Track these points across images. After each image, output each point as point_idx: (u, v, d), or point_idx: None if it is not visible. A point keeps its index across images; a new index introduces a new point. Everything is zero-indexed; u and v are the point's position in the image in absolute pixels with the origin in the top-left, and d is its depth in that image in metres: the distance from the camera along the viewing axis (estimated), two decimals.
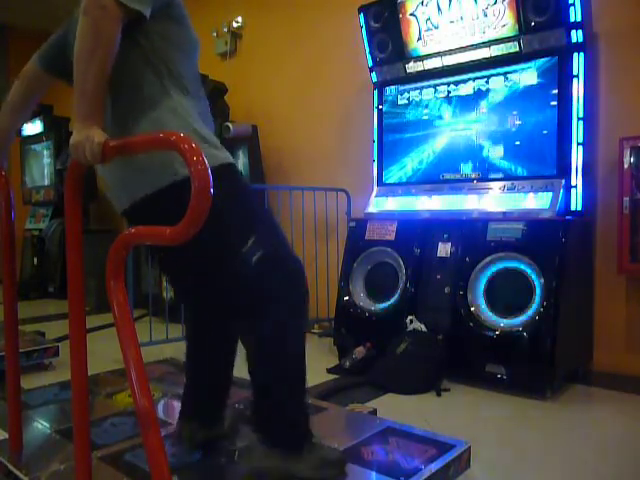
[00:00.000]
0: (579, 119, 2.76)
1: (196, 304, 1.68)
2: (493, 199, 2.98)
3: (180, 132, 1.27)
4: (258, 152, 4.43)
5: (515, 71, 2.97)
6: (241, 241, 1.39)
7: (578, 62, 2.77)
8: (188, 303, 1.77)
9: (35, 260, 6.18)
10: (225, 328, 1.62)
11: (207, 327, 1.65)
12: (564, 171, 2.79)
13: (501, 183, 2.99)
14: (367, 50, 3.48)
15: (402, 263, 3.06)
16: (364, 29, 3.45)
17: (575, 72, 2.76)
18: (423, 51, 3.28)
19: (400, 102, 3.46)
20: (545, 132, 2.86)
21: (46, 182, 6.39)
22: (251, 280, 1.39)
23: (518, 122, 2.97)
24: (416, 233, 3.10)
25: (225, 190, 1.33)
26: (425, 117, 3.35)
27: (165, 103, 1.39)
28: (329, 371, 2.99)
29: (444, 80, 3.25)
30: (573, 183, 2.78)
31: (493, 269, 2.75)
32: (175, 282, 1.73)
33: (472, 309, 2.74)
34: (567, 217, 2.74)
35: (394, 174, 3.49)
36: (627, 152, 2.71)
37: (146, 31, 1.37)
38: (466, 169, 3.17)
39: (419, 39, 3.26)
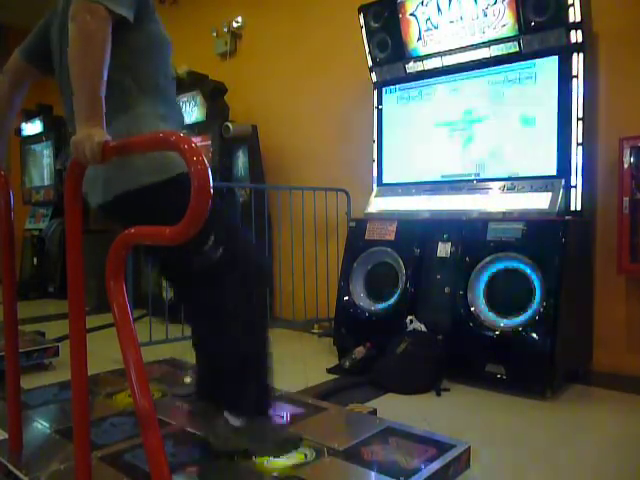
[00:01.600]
0: (579, 119, 2.76)
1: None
2: (493, 199, 2.98)
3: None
4: (258, 152, 4.44)
5: (515, 71, 2.98)
6: (202, 241, 1.47)
7: (578, 62, 2.77)
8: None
9: (35, 260, 6.18)
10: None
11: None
12: (564, 171, 2.79)
13: (501, 183, 2.99)
14: (367, 50, 3.48)
15: (402, 263, 3.06)
16: (364, 29, 3.45)
17: (575, 72, 2.76)
18: (423, 51, 3.28)
19: (400, 102, 3.46)
20: (545, 132, 2.86)
21: (46, 182, 6.39)
22: (213, 273, 1.51)
23: (518, 122, 2.97)
24: (416, 233, 3.10)
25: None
26: (425, 117, 3.35)
27: (136, 108, 1.45)
28: (329, 371, 2.99)
29: (444, 80, 3.25)
30: (573, 183, 2.78)
31: (493, 269, 2.75)
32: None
33: (472, 309, 2.74)
34: (567, 217, 2.74)
35: (394, 174, 3.49)
36: (627, 152, 2.71)
37: (123, 36, 1.41)
38: (466, 169, 3.17)
39: (419, 39, 3.26)
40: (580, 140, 2.77)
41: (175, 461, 1.54)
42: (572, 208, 2.78)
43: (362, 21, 3.45)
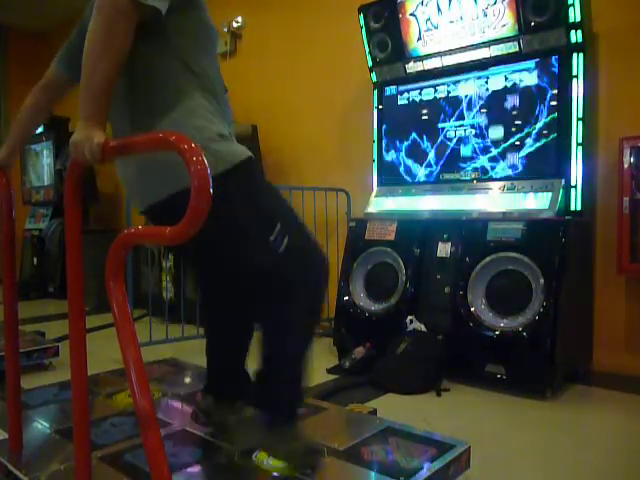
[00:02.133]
0: (579, 119, 2.76)
1: (216, 292, 1.74)
2: (493, 199, 2.98)
3: (199, 132, 1.34)
4: (258, 152, 4.43)
5: (515, 71, 2.98)
6: (265, 234, 1.40)
7: (578, 62, 2.77)
8: (209, 291, 1.80)
9: (35, 260, 6.18)
10: (243, 315, 1.71)
11: (225, 315, 1.73)
12: (564, 171, 2.79)
13: (501, 183, 3.00)
14: (367, 50, 3.48)
15: (402, 263, 3.06)
16: (364, 29, 3.45)
17: (575, 72, 2.77)
18: (423, 51, 3.28)
19: (400, 102, 3.46)
20: (545, 132, 2.86)
21: (46, 182, 6.39)
22: (274, 271, 1.41)
23: (518, 122, 2.97)
24: (416, 233, 3.10)
25: (244, 186, 1.40)
26: (425, 117, 3.35)
27: (185, 103, 1.37)
28: (329, 371, 2.98)
29: (444, 80, 3.25)
30: (573, 183, 2.78)
31: (493, 269, 2.75)
32: (199, 272, 1.79)
33: (472, 309, 2.74)
34: (567, 217, 2.74)
35: (394, 174, 3.49)
36: (627, 152, 2.71)
37: (165, 27, 1.35)
38: (466, 169, 3.17)
39: (419, 39, 3.26)
40: (580, 140, 2.77)
41: (175, 461, 1.54)
42: (572, 208, 2.78)
43: (362, 21, 3.45)
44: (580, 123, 2.77)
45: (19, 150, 1.72)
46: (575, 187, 2.78)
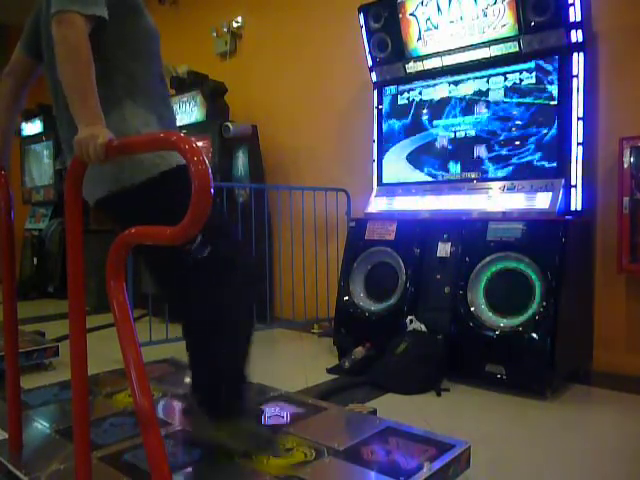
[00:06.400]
0: (579, 119, 2.77)
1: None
2: (493, 199, 2.98)
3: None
4: (258, 152, 4.44)
5: (515, 71, 2.98)
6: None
7: (578, 62, 2.77)
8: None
9: (35, 260, 6.17)
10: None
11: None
12: (564, 171, 2.79)
13: (501, 183, 3.00)
14: (367, 50, 3.48)
15: (402, 263, 3.06)
16: (364, 29, 3.45)
17: (575, 72, 2.77)
18: (423, 51, 3.28)
19: (400, 102, 3.46)
20: (545, 132, 2.86)
21: (46, 182, 6.39)
22: (195, 278, 1.52)
23: (518, 122, 2.97)
24: (416, 233, 3.10)
25: (176, 191, 1.39)
26: (425, 117, 3.35)
27: (124, 109, 1.45)
28: (329, 371, 2.98)
29: (444, 80, 3.25)
30: (573, 183, 2.78)
31: (493, 269, 2.75)
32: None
33: (472, 309, 2.74)
34: (567, 217, 2.74)
35: (394, 174, 3.49)
36: (627, 152, 2.71)
37: (102, 36, 1.40)
38: (466, 169, 3.17)
39: (419, 39, 3.26)
40: (580, 140, 2.77)
41: (175, 461, 1.54)
42: (572, 208, 2.78)
43: (362, 21, 3.45)
44: (580, 123, 2.77)
45: (8, 145, 1.75)
46: (575, 187, 2.78)
